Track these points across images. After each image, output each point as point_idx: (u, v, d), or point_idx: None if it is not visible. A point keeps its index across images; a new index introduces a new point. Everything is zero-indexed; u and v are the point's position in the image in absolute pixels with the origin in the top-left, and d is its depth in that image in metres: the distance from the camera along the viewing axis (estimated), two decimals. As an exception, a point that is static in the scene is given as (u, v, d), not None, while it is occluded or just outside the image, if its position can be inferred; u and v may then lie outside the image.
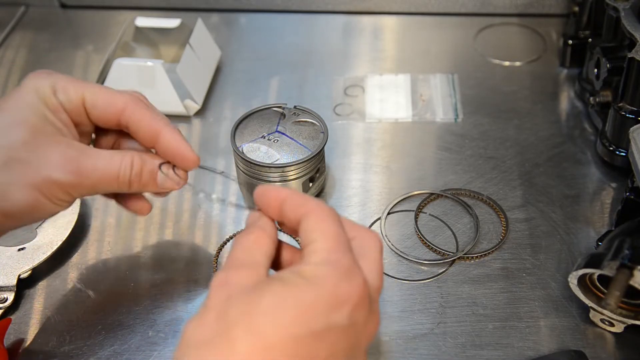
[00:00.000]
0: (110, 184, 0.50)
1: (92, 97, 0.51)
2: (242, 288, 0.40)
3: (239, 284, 0.40)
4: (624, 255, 0.49)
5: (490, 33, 0.87)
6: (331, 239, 0.41)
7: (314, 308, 0.38)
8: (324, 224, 0.42)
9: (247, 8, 0.92)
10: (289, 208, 0.44)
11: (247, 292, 0.39)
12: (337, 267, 0.40)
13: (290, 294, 0.38)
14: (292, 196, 0.44)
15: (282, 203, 0.44)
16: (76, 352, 0.56)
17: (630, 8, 0.67)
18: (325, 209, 0.43)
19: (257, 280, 0.40)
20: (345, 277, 0.39)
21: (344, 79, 0.81)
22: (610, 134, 0.67)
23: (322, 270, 0.39)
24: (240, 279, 0.40)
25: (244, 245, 0.43)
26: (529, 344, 0.55)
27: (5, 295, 0.58)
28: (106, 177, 0.49)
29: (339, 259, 0.40)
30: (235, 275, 0.40)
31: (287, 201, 0.44)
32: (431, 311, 0.58)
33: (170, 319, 0.58)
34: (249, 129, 0.65)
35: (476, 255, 0.62)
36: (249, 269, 0.41)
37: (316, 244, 0.41)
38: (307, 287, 0.39)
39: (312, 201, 0.43)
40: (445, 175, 0.69)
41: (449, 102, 0.77)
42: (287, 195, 0.44)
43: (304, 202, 0.43)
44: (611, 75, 0.68)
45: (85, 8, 0.93)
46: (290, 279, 0.40)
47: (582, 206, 0.66)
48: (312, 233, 0.42)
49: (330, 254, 0.40)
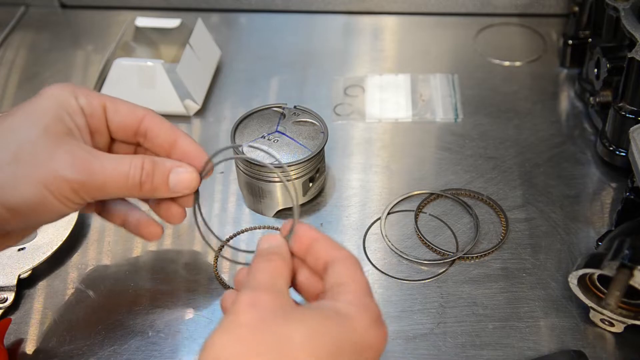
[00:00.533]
0: (120, 184, 0.50)
1: (113, 104, 0.52)
2: (274, 312, 0.41)
3: (268, 307, 0.41)
4: (624, 255, 0.49)
5: (490, 33, 0.87)
6: (361, 285, 0.43)
7: (345, 345, 0.40)
8: (355, 270, 0.44)
9: (247, 8, 0.92)
10: (320, 248, 0.46)
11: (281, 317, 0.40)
12: (368, 311, 0.42)
13: (326, 328, 0.40)
14: (325, 238, 0.46)
15: (313, 242, 0.46)
16: (76, 352, 0.56)
17: (630, 8, 0.67)
18: (355, 257, 0.45)
19: (285, 306, 0.42)
20: (374, 323, 0.42)
21: (344, 79, 0.81)
22: (610, 134, 0.67)
23: (355, 311, 0.41)
24: (268, 302, 0.41)
25: (267, 270, 0.44)
26: (529, 344, 0.55)
27: (5, 295, 0.58)
28: (115, 177, 0.49)
29: (369, 304, 0.42)
30: (264, 298, 0.41)
31: (320, 242, 0.46)
32: (431, 311, 0.58)
33: (170, 319, 0.58)
34: (249, 129, 0.65)
35: (476, 255, 0.62)
36: (274, 293, 0.42)
37: (347, 287, 0.43)
38: (342, 323, 0.41)
39: (343, 248, 0.45)
40: (445, 175, 0.69)
41: (449, 102, 0.77)
42: (320, 237, 0.46)
43: (336, 246, 0.46)
44: (611, 75, 0.68)
45: (85, 8, 0.93)
46: (325, 312, 0.41)
47: (582, 206, 0.66)
48: (342, 276, 0.44)
49: (361, 298, 0.42)
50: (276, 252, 0.46)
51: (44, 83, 0.82)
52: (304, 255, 0.47)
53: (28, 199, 0.48)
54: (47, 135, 0.48)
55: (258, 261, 0.45)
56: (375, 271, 0.61)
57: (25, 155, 0.47)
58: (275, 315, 0.40)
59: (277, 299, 0.42)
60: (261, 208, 0.65)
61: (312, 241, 0.46)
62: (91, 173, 0.48)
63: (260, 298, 0.41)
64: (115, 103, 0.52)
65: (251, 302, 0.41)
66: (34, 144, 0.48)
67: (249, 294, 0.42)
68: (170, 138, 0.53)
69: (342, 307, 0.42)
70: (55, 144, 0.48)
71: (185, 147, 0.53)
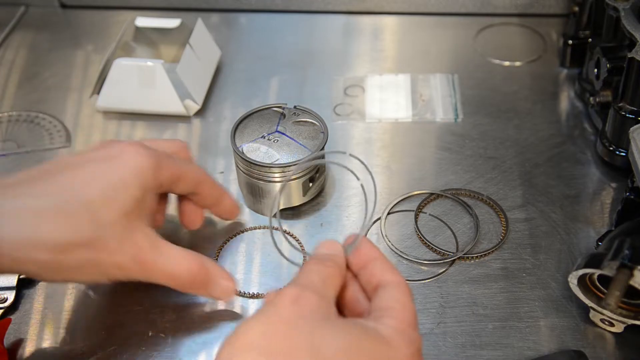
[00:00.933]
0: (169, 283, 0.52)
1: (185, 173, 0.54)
2: (315, 313, 0.40)
3: (311, 308, 0.40)
4: (624, 255, 0.49)
5: (490, 33, 0.87)
6: (408, 314, 0.43)
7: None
8: (405, 298, 0.44)
9: (247, 8, 0.92)
10: (376, 268, 0.45)
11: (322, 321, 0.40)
12: (410, 341, 0.41)
13: (365, 344, 0.40)
14: (384, 260, 0.46)
15: (372, 260, 0.46)
16: (76, 352, 0.56)
17: (630, 8, 0.67)
18: (408, 285, 0.45)
19: (327, 312, 0.41)
20: (413, 356, 0.41)
21: (344, 79, 0.81)
22: (610, 134, 0.67)
23: (398, 339, 0.41)
24: (312, 303, 0.41)
25: (319, 273, 0.44)
26: (529, 344, 0.55)
27: (5, 295, 0.58)
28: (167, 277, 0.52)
29: (412, 334, 0.42)
30: (309, 298, 0.41)
31: (378, 262, 0.46)
32: (431, 311, 0.58)
33: (170, 319, 0.58)
34: (249, 129, 0.65)
35: (476, 255, 0.62)
36: (320, 296, 0.42)
37: (394, 312, 0.43)
38: (382, 345, 0.40)
39: (399, 274, 0.45)
40: (445, 175, 0.69)
41: (449, 102, 0.77)
42: (380, 257, 0.46)
43: (393, 270, 0.45)
44: (611, 75, 0.68)
45: (85, 8, 0.93)
46: (367, 330, 0.41)
47: (582, 206, 0.66)
48: (391, 301, 0.43)
49: (406, 327, 0.42)
50: (332, 259, 0.45)
51: (44, 83, 0.82)
52: (358, 270, 0.46)
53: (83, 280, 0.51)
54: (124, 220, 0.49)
55: (312, 262, 0.45)
56: (375, 271, 0.61)
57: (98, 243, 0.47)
58: (315, 317, 0.40)
59: (322, 302, 0.41)
60: (261, 208, 0.65)
61: (371, 259, 0.46)
62: (148, 270, 0.51)
63: (304, 296, 0.41)
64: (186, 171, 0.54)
65: (295, 298, 0.40)
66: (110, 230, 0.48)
67: (294, 289, 0.41)
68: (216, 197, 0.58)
69: (384, 330, 0.41)
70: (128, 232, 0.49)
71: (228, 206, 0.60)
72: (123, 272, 0.50)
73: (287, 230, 0.63)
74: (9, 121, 0.77)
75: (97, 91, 0.76)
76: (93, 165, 0.49)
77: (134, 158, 0.50)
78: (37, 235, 0.46)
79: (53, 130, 0.76)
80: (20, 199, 0.47)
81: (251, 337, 0.38)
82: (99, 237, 0.47)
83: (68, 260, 0.47)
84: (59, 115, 0.78)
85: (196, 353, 0.55)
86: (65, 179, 0.48)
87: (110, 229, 0.48)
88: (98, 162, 0.49)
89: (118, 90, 0.75)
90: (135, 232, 0.49)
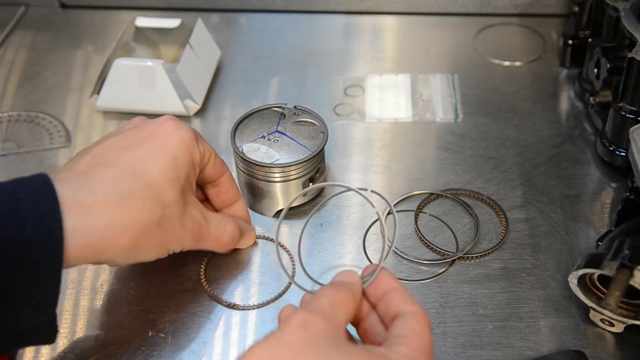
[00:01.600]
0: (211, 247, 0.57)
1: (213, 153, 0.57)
2: (323, 338, 0.40)
3: (319, 332, 0.40)
4: (624, 255, 0.49)
5: (490, 33, 0.87)
6: (423, 344, 0.43)
7: None
8: (423, 329, 0.44)
9: (247, 8, 0.92)
10: (395, 298, 0.45)
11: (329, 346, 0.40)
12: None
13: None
14: (403, 290, 0.46)
15: (390, 290, 0.46)
16: (76, 352, 0.56)
17: (630, 8, 0.67)
18: (427, 316, 0.45)
19: (336, 336, 0.41)
20: None
21: (344, 79, 0.81)
22: (610, 134, 0.67)
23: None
24: (320, 328, 0.41)
25: (331, 298, 0.44)
26: (529, 344, 0.55)
27: (5, 295, 0.58)
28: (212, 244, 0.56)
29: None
30: (317, 322, 0.41)
31: (397, 292, 0.46)
32: (431, 311, 0.58)
33: (170, 319, 0.58)
34: (249, 129, 0.65)
35: (476, 255, 0.62)
36: (330, 321, 0.42)
37: (408, 340, 0.42)
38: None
39: (417, 304, 0.45)
40: (445, 175, 0.69)
41: (449, 102, 0.77)
42: (399, 288, 0.46)
43: (411, 301, 0.45)
44: (611, 75, 0.68)
45: (85, 8, 0.93)
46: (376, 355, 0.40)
47: (582, 206, 0.66)
48: (408, 330, 0.43)
49: (418, 355, 0.42)
50: (347, 285, 0.45)
51: (44, 83, 0.82)
52: (377, 301, 0.46)
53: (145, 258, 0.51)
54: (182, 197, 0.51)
55: (326, 288, 0.45)
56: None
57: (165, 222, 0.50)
58: (323, 342, 0.40)
59: (331, 327, 0.41)
60: (261, 208, 0.65)
61: (390, 290, 0.46)
62: (200, 240, 0.54)
63: (313, 321, 0.41)
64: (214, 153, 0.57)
65: (303, 323, 0.40)
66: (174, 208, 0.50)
67: (303, 314, 0.41)
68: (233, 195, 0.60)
69: (393, 357, 0.41)
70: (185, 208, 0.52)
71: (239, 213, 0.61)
72: (181, 245, 0.53)
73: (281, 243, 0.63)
74: (9, 121, 0.77)
75: (97, 91, 0.76)
76: (144, 147, 0.51)
77: (178, 133, 0.52)
78: (115, 222, 0.47)
79: (53, 130, 0.76)
80: (87, 188, 0.47)
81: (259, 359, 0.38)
82: (166, 217, 0.50)
83: (143, 242, 0.49)
84: (59, 115, 0.78)
85: (196, 353, 0.55)
86: (123, 163, 0.49)
87: (173, 208, 0.50)
88: (147, 143, 0.51)
89: (118, 90, 0.75)
90: (190, 207, 0.52)
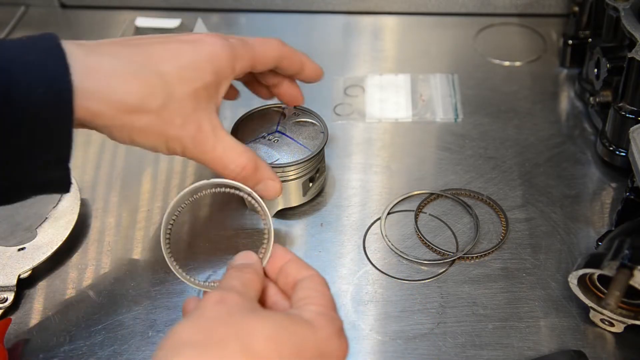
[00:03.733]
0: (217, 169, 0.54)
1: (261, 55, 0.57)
2: (241, 308, 0.42)
3: (236, 305, 0.42)
4: (624, 255, 0.49)
5: (490, 33, 0.87)
6: (327, 300, 0.46)
7: (307, 348, 0.41)
8: (322, 286, 0.47)
9: (247, 8, 0.91)
10: (291, 268, 0.49)
11: (248, 313, 0.42)
12: (332, 322, 0.44)
13: (289, 328, 0.41)
14: (297, 259, 0.49)
15: (286, 263, 0.49)
16: (76, 352, 0.56)
17: (630, 8, 0.67)
18: (322, 277, 0.48)
19: (252, 306, 0.43)
20: (337, 334, 0.43)
21: (344, 79, 0.81)
22: (610, 134, 0.67)
23: (320, 320, 0.43)
24: (236, 300, 0.43)
25: (239, 279, 0.46)
26: (529, 344, 0.55)
27: (5, 295, 0.58)
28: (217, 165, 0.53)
29: (334, 317, 0.45)
30: (232, 297, 0.43)
31: (291, 263, 0.49)
32: (431, 311, 0.58)
33: (170, 319, 0.58)
34: (249, 129, 0.65)
35: (476, 255, 0.62)
36: (243, 296, 0.44)
37: (314, 299, 0.45)
38: (306, 327, 0.42)
39: (312, 268, 0.48)
40: (445, 175, 0.69)
41: (449, 102, 0.77)
42: (292, 258, 0.49)
43: (306, 266, 0.49)
44: (611, 75, 0.68)
45: (85, 8, 0.93)
46: (291, 316, 0.43)
47: (582, 206, 0.66)
48: (310, 291, 0.46)
49: (327, 310, 0.45)
50: (250, 267, 0.48)
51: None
52: (276, 276, 0.49)
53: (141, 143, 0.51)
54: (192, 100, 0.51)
55: (231, 271, 0.48)
56: (375, 271, 0.61)
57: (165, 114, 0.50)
58: (242, 311, 0.42)
59: (244, 300, 0.43)
60: (261, 208, 0.65)
61: (285, 262, 0.49)
62: (203, 152, 0.53)
63: (228, 296, 0.43)
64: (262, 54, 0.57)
65: (219, 300, 0.42)
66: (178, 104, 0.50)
67: (217, 292, 0.43)
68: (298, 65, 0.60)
69: (306, 315, 0.43)
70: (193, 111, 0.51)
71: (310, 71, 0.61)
72: (181, 148, 0.52)
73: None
74: (9, 121, 0.77)
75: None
76: (173, 45, 0.52)
77: (211, 46, 0.53)
78: (109, 92, 0.48)
79: (53, 130, 0.76)
80: (102, 57, 0.48)
81: (182, 335, 0.40)
82: (167, 108, 0.50)
83: (134, 122, 0.49)
84: (59, 115, 0.77)
85: (196, 353, 0.55)
86: (145, 49, 0.51)
87: (177, 104, 0.50)
88: (178, 43, 0.52)
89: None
90: (200, 114, 0.52)
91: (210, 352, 0.38)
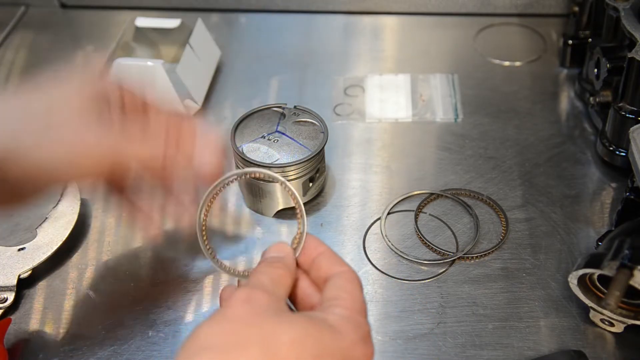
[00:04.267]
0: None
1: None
2: (266, 309, 0.41)
3: (261, 305, 0.41)
4: (624, 255, 0.49)
5: (490, 33, 0.87)
6: (357, 303, 0.44)
7: (330, 355, 0.40)
8: (353, 286, 0.45)
9: (247, 8, 0.92)
10: (324, 262, 0.47)
11: (273, 316, 0.41)
12: (358, 328, 0.42)
13: (313, 334, 0.40)
14: (330, 252, 0.47)
15: (319, 255, 0.47)
16: (76, 352, 0.56)
17: (630, 8, 0.67)
18: (356, 274, 0.46)
19: (278, 308, 0.42)
20: (362, 341, 0.42)
21: (344, 79, 0.81)
22: (610, 134, 0.67)
23: (345, 325, 0.42)
24: (262, 301, 0.42)
25: (269, 274, 0.45)
26: (529, 344, 0.55)
27: (5, 295, 0.58)
28: None
29: (360, 321, 0.43)
30: (259, 297, 0.42)
31: (325, 256, 0.47)
32: (431, 311, 0.58)
33: (170, 319, 0.58)
34: (249, 129, 0.65)
35: (476, 255, 0.62)
36: (270, 296, 0.43)
37: (342, 301, 0.44)
38: (330, 334, 0.41)
39: (346, 264, 0.46)
40: (445, 175, 0.69)
41: (449, 102, 0.77)
42: (326, 251, 0.47)
43: (340, 262, 0.47)
44: (611, 75, 0.68)
45: (85, 8, 0.93)
46: (315, 320, 0.42)
47: (582, 206, 0.66)
48: (340, 290, 0.44)
49: (353, 314, 0.43)
50: (281, 260, 0.47)
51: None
52: (308, 267, 0.48)
53: None
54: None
55: (262, 265, 0.46)
56: (375, 271, 0.61)
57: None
58: (267, 313, 0.41)
59: (272, 300, 0.42)
60: (261, 208, 0.65)
61: (318, 254, 0.47)
62: None
63: (255, 295, 0.42)
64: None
65: (246, 299, 0.42)
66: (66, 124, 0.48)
67: (245, 290, 0.42)
68: None
69: (331, 319, 0.42)
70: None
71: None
72: None
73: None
74: (9, 121, 0.77)
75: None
76: None
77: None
78: None
79: (53, 130, 0.76)
80: None
81: (205, 338, 0.39)
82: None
83: None
84: (59, 115, 0.77)
85: (196, 353, 0.55)
86: None
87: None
88: None
89: (118, 90, 0.75)
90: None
91: (230, 356, 0.38)
